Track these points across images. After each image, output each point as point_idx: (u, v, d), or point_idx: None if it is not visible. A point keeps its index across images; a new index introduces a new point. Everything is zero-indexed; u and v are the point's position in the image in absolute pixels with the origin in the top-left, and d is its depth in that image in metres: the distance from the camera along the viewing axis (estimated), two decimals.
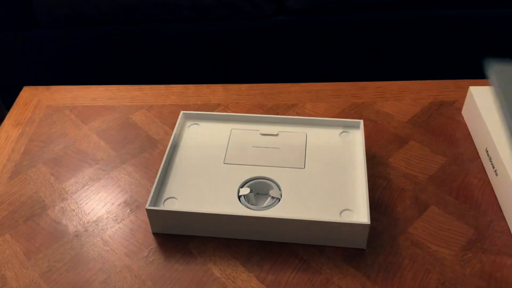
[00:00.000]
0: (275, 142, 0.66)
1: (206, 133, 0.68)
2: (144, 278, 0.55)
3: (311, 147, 0.66)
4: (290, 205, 0.58)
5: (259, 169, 0.62)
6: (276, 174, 0.62)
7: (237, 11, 1.26)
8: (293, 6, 1.26)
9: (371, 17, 1.29)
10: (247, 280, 0.54)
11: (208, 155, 0.65)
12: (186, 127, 0.69)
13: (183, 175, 0.62)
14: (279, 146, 0.66)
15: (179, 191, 0.60)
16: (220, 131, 0.68)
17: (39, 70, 1.39)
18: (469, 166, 0.65)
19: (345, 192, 0.59)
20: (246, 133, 0.68)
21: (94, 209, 0.62)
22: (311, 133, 0.68)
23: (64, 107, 0.78)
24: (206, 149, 0.66)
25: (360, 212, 0.57)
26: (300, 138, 0.67)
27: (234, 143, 0.67)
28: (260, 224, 0.56)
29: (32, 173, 0.67)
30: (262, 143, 0.66)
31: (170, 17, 1.28)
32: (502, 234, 0.57)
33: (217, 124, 0.69)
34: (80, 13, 1.27)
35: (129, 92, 0.80)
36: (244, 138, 0.67)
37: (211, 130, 0.69)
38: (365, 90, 0.78)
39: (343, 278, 0.54)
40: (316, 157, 0.64)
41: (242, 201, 0.59)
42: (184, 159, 0.64)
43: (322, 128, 0.68)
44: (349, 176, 0.61)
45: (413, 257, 0.55)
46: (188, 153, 0.65)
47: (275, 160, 0.64)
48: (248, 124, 0.69)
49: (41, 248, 0.58)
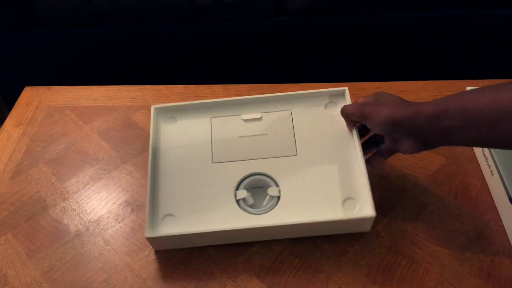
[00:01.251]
0: (260, 128, 0.62)
1: (185, 128, 0.63)
2: (145, 277, 0.55)
3: (299, 128, 0.61)
4: (290, 203, 0.56)
5: (251, 164, 0.59)
6: (269, 167, 0.58)
7: (237, 12, 1.27)
8: (293, 7, 1.26)
9: (371, 18, 1.29)
10: (247, 279, 0.54)
11: (195, 155, 0.60)
12: (162, 124, 0.64)
13: (174, 186, 0.58)
14: (265, 131, 0.61)
15: (174, 206, 0.57)
16: (200, 124, 0.63)
17: (40, 70, 1.39)
18: (467, 166, 0.65)
19: (344, 178, 0.57)
20: (227, 121, 0.63)
21: (95, 208, 0.63)
22: (296, 110, 0.63)
23: (65, 107, 0.78)
24: (191, 148, 0.61)
25: (363, 200, 0.55)
26: (285, 118, 0.62)
27: (218, 136, 0.62)
28: (263, 230, 0.55)
29: (34, 173, 0.68)
30: (247, 130, 0.62)
31: (171, 18, 1.28)
32: (500, 233, 0.57)
33: (195, 116, 0.64)
34: (81, 14, 1.27)
35: (129, 92, 0.80)
36: (227, 127, 0.62)
37: (190, 123, 0.63)
38: (365, 90, 0.79)
39: (343, 278, 0.54)
40: (306, 139, 0.60)
41: (241, 205, 0.57)
42: (171, 166, 0.60)
43: (307, 103, 0.63)
44: (345, 158, 0.58)
45: (412, 257, 0.55)
46: (173, 158, 0.61)
47: (265, 150, 0.60)
48: (227, 109, 0.64)
49: (42, 248, 0.58)
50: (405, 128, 0.50)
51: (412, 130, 0.50)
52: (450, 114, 0.47)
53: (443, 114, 0.47)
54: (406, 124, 0.50)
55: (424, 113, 0.49)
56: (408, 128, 0.50)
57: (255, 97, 0.64)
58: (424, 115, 0.48)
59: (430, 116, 0.48)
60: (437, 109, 0.48)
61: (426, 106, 0.49)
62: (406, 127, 0.50)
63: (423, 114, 0.48)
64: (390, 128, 0.51)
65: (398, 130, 0.51)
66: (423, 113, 0.49)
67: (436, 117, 0.48)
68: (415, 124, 0.49)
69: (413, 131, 0.50)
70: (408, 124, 0.49)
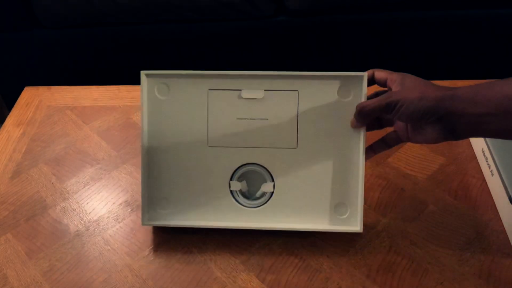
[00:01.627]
0: (261, 110, 0.56)
1: (180, 100, 0.57)
2: (144, 277, 0.55)
3: (304, 115, 0.56)
4: (282, 202, 0.58)
5: (248, 152, 0.57)
6: (267, 158, 0.57)
7: (237, 12, 1.27)
8: (293, 7, 1.26)
9: (371, 18, 1.29)
10: (247, 280, 0.54)
11: (190, 136, 0.57)
12: (154, 94, 0.57)
13: (168, 169, 0.58)
14: (266, 115, 0.56)
15: (169, 191, 0.59)
16: (196, 96, 0.56)
17: (40, 70, 1.39)
18: (467, 166, 0.65)
19: (340, 181, 0.56)
20: (226, 97, 0.56)
21: (95, 208, 0.63)
22: (303, 92, 0.55)
23: (65, 107, 0.78)
24: (186, 125, 0.57)
25: (354, 207, 0.56)
26: (290, 101, 0.56)
27: (214, 115, 0.56)
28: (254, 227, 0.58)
29: (34, 173, 0.68)
30: (247, 112, 0.56)
31: (171, 18, 1.28)
32: (500, 233, 0.57)
33: (191, 86, 0.56)
34: (81, 14, 1.27)
35: (129, 92, 0.80)
36: (225, 105, 0.56)
37: (185, 95, 0.57)
38: None
39: (342, 277, 0.54)
40: (309, 130, 0.56)
41: (234, 195, 0.58)
42: (166, 148, 0.57)
43: (317, 85, 0.55)
44: (345, 159, 0.56)
45: (412, 257, 0.55)
46: (167, 137, 0.57)
47: (264, 139, 0.56)
48: (227, 83, 0.56)
49: (42, 248, 0.58)
50: (438, 113, 0.46)
51: (446, 114, 0.45)
52: (490, 99, 0.43)
53: (482, 99, 0.43)
54: (441, 108, 0.45)
55: (461, 97, 0.45)
56: (442, 113, 0.45)
57: (259, 73, 0.55)
58: (460, 98, 0.45)
59: (468, 100, 0.44)
60: (475, 93, 0.44)
61: (462, 90, 0.45)
62: (440, 112, 0.45)
63: (460, 98, 0.45)
64: (422, 113, 0.46)
65: (430, 115, 0.46)
66: (460, 97, 0.45)
67: (474, 101, 0.44)
68: (451, 108, 0.45)
69: (445, 116, 0.46)
70: (443, 108, 0.45)
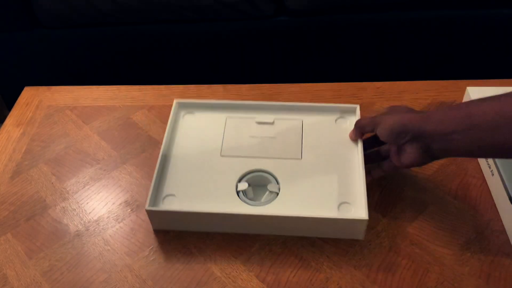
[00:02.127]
0: (271, 131, 0.65)
1: (201, 122, 0.67)
2: (144, 277, 0.55)
3: (308, 136, 0.65)
4: (288, 200, 0.58)
5: (257, 161, 0.62)
6: (273, 166, 0.61)
7: (237, 12, 1.27)
8: (293, 7, 1.26)
9: (371, 18, 1.29)
10: (247, 280, 0.54)
11: (205, 147, 0.64)
12: (180, 117, 0.68)
13: (181, 171, 0.62)
14: (275, 135, 0.65)
15: (177, 188, 0.60)
16: (216, 120, 0.67)
17: (40, 70, 1.39)
18: (467, 166, 0.65)
19: (343, 184, 0.59)
20: (241, 122, 0.67)
21: (95, 208, 0.63)
22: (307, 120, 0.66)
23: (65, 107, 0.78)
24: (203, 141, 0.65)
25: (358, 205, 0.57)
26: (296, 126, 0.66)
27: (230, 133, 0.65)
28: (259, 221, 0.56)
29: (33, 173, 0.68)
30: (258, 132, 0.65)
31: (171, 18, 1.28)
32: (500, 233, 0.57)
33: (212, 113, 0.68)
34: (81, 14, 1.27)
35: (129, 92, 0.80)
36: (240, 127, 0.66)
37: (206, 119, 0.67)
38: (365, 90, 0.79)
39: (342, 277, 0.54)
40: (313, 146, 0.63)
41: (240, 196, 0.59)
42: (181, 154, 0.64)
43: (318, 115, 0.67)
44: (347, 167, 0.61)
45: (412, 257, 0.55)
46: (184, 146, 0.64)
47: (272, 151, 0.63)
48: (244, 111, 0.68)
49: (42, 248, 0.58)
50: (411, 133, 0.51)
51: (418, 135, 0.51)
52: (455, 118, 0.48)
53: (449, 119, 0.49)
54: (413, 129, 0.51)
55: (431, 118, 0.50)
56: (414, 133, 0.51)
57: (270, 104, 0.68)
58: (430, 120, 0.50)
59: (436, 120, 0.50)
60: (443, 115, 0.50)
61: (432, 112, 0.51)
62: (412, 132, 0.51)
63: (430, 119, 0.50)
64: (397, 132, 0.52)
65: (404, 135, 0.52)
66: (430, 118, 0.50)
67: (442, 121, 0.49)
68: (421, 128, 0.50)
69: (418, 137, 0.51)
70: (415, 128, 0.51)
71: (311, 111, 0.68)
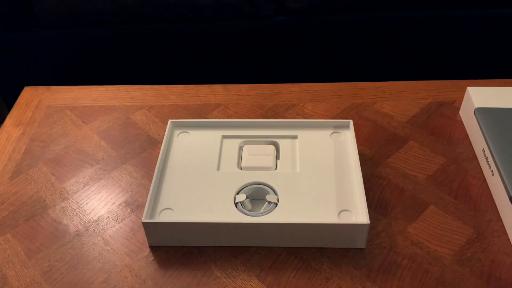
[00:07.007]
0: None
1: (196, 140, 0.68)
2: (144, 277, 0.55)
3: (304, 150, 0.65)
4: (287, 210, 0.58)
5: (254, 174, 0.62)
6: (271, 178, 0.62)
7: (237, 11, 1.27)
8: (293, 6, 1.26)
9: (371, 17, 1.29)
10: (247, 280, 0.54)
11: (201, 162, 0.64)
12: (175, 136, 0.68)
13: (177, 185, 0.61)
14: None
15: (174, 201, 0.59)
16: (211, 138, 0.68)
17: (40, 70, 1.39)
18: (467, 166, 0.65)
19: (342, 193, 0.59)
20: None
21: (95, 208, 0.63)
22: (302, 136, 0.67)
23: (64, 107, 0.78)
24: (199, 156, 0.65)
25: (359, 212, 0.57)
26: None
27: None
28: (259, 230, 0.56)
29: (33, 173, 0.68)
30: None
31: (170, 17, 1.28)
32: (501, 233, 0.57)
33: (207, 132, 0.69)
34: (81, 14, 1.27)
35: (129, 92, 0.80)
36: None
37: (201, 137, 0.68)
38: (365, 90, 0.79)
39: (343, 278, 0.54)
40: (309, 159, 0.64)
41: (239, 208, 0.58)
42: (177, 168, 0.64)
43: (313, 130, 0.68)
44: (344, 177, 0.61)
45: (413, 257, 0.55)
46: (180, 162, 0.64)
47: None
48: (238, 129, 0.69)
49: (41, 248, 0.58)
50: None
51: None
52: None
53: None
54: None
55: None
56: None
57: (266, 121, 0.69)
58: None
59: None
60: None
61: None
62: None
63: None
64: None
65: None
66: None
67: None
68: None
69: None
70: None
71: (306, 127, 0.69)
